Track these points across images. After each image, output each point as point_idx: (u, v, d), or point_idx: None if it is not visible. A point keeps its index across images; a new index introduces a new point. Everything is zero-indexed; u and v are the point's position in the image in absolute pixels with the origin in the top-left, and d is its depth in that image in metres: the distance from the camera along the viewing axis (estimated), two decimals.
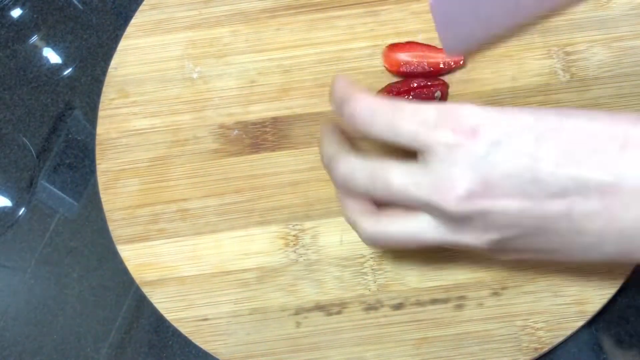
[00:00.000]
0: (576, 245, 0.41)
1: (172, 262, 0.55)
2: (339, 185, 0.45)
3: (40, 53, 0.69)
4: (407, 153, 0.42)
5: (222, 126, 0.59)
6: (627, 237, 0.39)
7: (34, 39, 0.70)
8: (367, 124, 0.43)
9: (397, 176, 0.42)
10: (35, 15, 0.71)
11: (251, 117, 0.59)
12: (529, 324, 0.50)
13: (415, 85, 0.56)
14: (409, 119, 0.41)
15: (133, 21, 0.64)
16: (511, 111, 0.40)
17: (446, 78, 0.58)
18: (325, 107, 0.58)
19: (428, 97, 0.55)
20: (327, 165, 0.47)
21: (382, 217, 0.44)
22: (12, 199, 0.62)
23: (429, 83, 0.57)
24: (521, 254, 0.43)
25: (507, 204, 0.39)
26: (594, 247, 0.40)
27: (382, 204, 0.45)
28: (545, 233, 0.40)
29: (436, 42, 0.59)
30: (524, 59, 0.59)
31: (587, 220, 0.39)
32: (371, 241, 0.46)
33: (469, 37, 0.53)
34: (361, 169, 0.43)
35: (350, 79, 0.47)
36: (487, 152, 0.39)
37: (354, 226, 0.46)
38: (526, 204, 0.39)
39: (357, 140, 0.51)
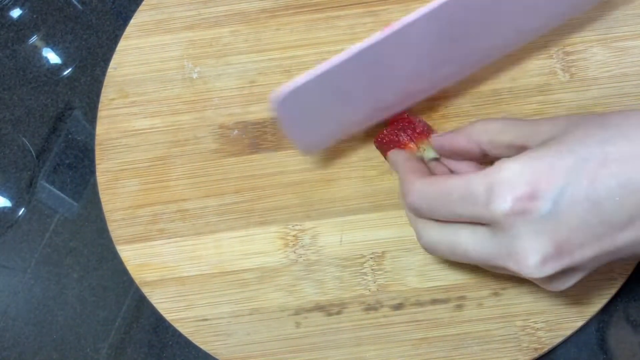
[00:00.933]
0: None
1: (172, 263, 0.55)
2: (428, 252, 0.47)
3: (40, 53, 0.69)
4: None
5: (222, 126, 0.59)
6: None
7: (34, 39, 0.70)
8: (431, 214, 0.44)
9: (473, 248, 0.42)
10: (34, 16, 0.71)
11: (251, 117, 0.59)
12: (529, 324, 0.50)
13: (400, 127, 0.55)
14: (461, 205, 0.41)
15: (132, 21, 0.64)
16: (552, 157, 0.39)
17: None
18: None
19: (410, 126, 0.54)
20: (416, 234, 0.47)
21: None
22: (11, 199, 0.62)
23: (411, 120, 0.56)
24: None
25: (583, 253, 0.39)
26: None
27: None
28: (621, 256, 0.41)
29: None
30: (524, 59, 0.59)
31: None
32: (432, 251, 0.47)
33: (323, 137, 0.54)
34: (441, 242, 0.44)
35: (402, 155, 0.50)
36: (549, 214, 0.38)
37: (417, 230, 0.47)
38: (600, 245, 0.39)
39: None
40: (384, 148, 0.54)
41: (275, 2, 0.63)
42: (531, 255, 0.39)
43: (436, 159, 0.53)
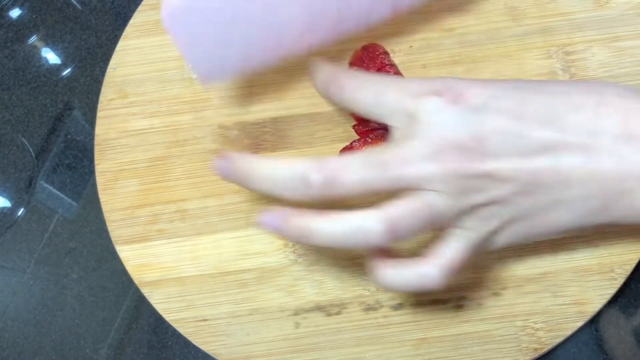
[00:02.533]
0: (565, 204, 0.42)
1: (172, 263, 0.55)
2: (341, 179, 0.42)
3: (39, 53, 0.69)
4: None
5: (221, 126, 0.59)
6: (608, 189, 0.41)
7: (33, 39, 0.70)
8: (354, 98, 0.45)
9: (390, 156, 0.41)
10: (34, 16, 0.71)
11: (250, 117, 0.59)
12: (529, 324, 0.50)
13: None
14: (392, 88, 0.43)
15: (132, 21, 0.64)
16: (493, 80, 0.43)
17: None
18: (325, 107, 0.58)
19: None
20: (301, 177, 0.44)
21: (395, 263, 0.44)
22: (11, 200, 0.62)
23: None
24: (518, 233, 0.44)
25: (500, 164, 0.40)
26: (580, 204, 0.41)
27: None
28: (537, 191, 0.41)
29: (434, 44, 0.59)
30: (523, 59, 0.59)
31: (571, 172, 0.40)
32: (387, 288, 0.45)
33: (225, 63, 0.52)
34: (359, 163, 0.42)
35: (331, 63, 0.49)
36: (475, 112, 0.40)
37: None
38: (517, 161, 0.40)
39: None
40: None
41: None
42: (453, 139, 0.40)
43: None
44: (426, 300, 0.51)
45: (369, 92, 0.45)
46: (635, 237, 0.51)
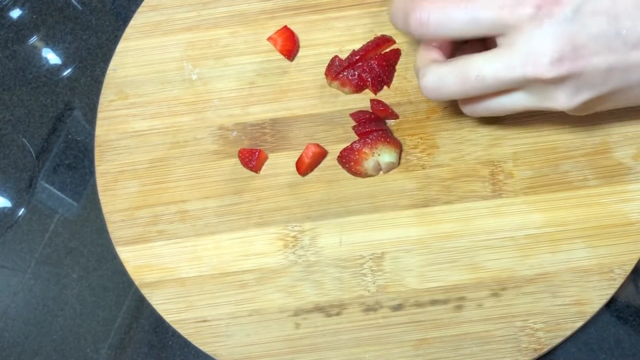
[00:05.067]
0: None
1: (172, 264, 0.55)
2: (431, 96, 0.48)
3: (40, 54, 0.69)
4: None
5: (221, 127, 0.59)
6: None
7: (34, 39, 0.70)
8: (443, 25, 0.45)
9: (488, 66, 0.45)
10: (34, 16, 0.71)
11: (250, 118, 0.59)
12: (529, 324, 0.50)
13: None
14: (485, 5, 0.44)
15: (132, 23, 0.64)
16: None
17: None
18: (324, 108, 0.59)
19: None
20: (418, 78, 0.49)
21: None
22: (11, 200, 0.62)
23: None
24: (604, 107, 0.48)
25: (597, 62, 0.43)
26: None
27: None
28: (630, 85, 0.44)
29: None
30: None
31: None
32: (469, 112, 0.51)
33: None
34: (450, 73, 0.46)
35: None
36: (571, 18, 0.42)
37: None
38: (613, 57, 0.43)
39: None
40: (343, 162, 0.56)
41: (274, 4, 0.63)
42: (549, 52, 0.42)
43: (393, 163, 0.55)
44: (425, 301, 0.52)
45: (459, 12, 0.45)
46: (634, 237, 0.52)
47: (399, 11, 0.48)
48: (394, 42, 0.60)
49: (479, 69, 0.45)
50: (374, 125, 0.56)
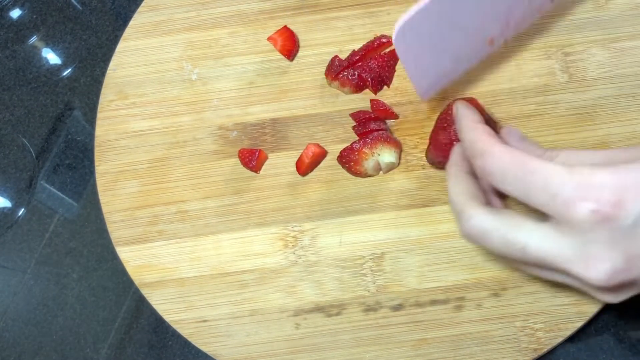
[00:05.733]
0: None
1: (172, 264, 0.55)
2: (469, 241, 0.45)
3: (40, 54, 0.69)
4: None
5: (221, 127, 0.59)
6: None
7: (33, 39, 0.70)
8: (500, 182, 0.42)
9: (534, 243, 0.41)
10: (34, 16, 0.71)
11: (250, 118, 0.59)
12: (529, 324, 0.50)
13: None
14: (541, 188, 0.40)
15: (132, 23, 0.64)
16: None
17: None
18: (324, 108, 0.59)
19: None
20: (456, 215, 0.45)
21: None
22: (11, 200, 0.62)
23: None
24: None
25: None
26: None
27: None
28: None
29: None
30: (523, 60, 0.59)
31: None
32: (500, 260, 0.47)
33: (439, 75, 0.55)
34: (494, 231, 0.42)
35: (477, 118, 0.47)
36: (630, 228, 0.38)
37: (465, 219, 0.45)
38: None
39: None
40: (343, 162, 0.56)
41: (274, 4, 0.63)
42: (603, 262, 0.38)
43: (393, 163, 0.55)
44: (425, 301, 0.52)
45: (515, 189, 0.42)
46: None
47: (470, 142, 0.46)
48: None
49: (526, 242, 0.41)
50: (374, 125, 0.56)
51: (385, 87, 0.59)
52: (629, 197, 0.38)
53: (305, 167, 0.56)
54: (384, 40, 0.59)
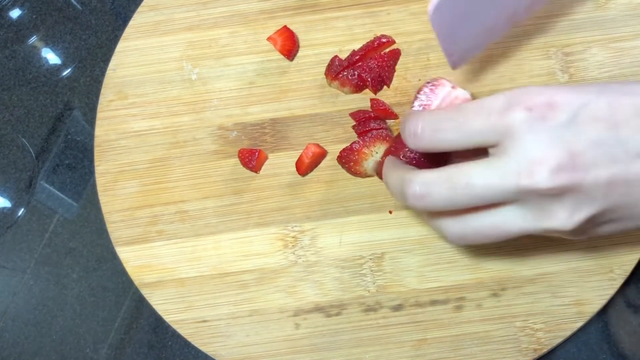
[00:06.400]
0: None
1: (171, 264, 0.55)
2: (418, 206, 0.43)
3: (39, 54, 0.69)
4: None
5: (221, 127, 0.59)
6: None
7: (33, 39, 0.70)
8: (435, 137, 0.43)
9: (478, 175, 0.41)
10: (34, 16, 0.71)
11: (250, 118, 0.59)
12: (529, 324, 0.50)
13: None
14: (476, 115, 0.41)
15: (131, 22, 0.64)
16: (574, 86, 0.41)
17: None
18: (324, 108, 0.59)
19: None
20: (400, 192, 0.44)
21: (464, 215, 0.43)
22: (11, 200, 0.62)
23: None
24: (607, 229, 0.43)
25: (598, 172, 0.39)
26: None
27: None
28: (633, 198, 0.40)
29: (434, 44, 0.59)
30: (523, 60, 0.59)
31: None
32: (459, 239, 0.44)
33: (470, 46, 0.55)
34: (437, 182, 0.42)
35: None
36: (568, 123, 0.39)
37: (439, 229, 0.45)
38: (614, 169, 0.39)
39: None
40: (343, 162, 0.56)
41: (274, 3, 0.63)
42: (546, 160, 0.39)
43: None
44: (425, 301, 0.52)
45: (449, 131, 0.42)
46: (634, 237, 0.51)
47: (401, 125, 0.46)
48: (394, 42, 0.60)
49: (469, 175, 0.41)
50: (374, 124, 0.56)
51: (385, 87, 0.59)
52: (559, 98, 0.39)
53: (305, 167, 0.56)
54: (384, 40, 0.59)
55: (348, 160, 0.55)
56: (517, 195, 0.40)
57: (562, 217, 0.40)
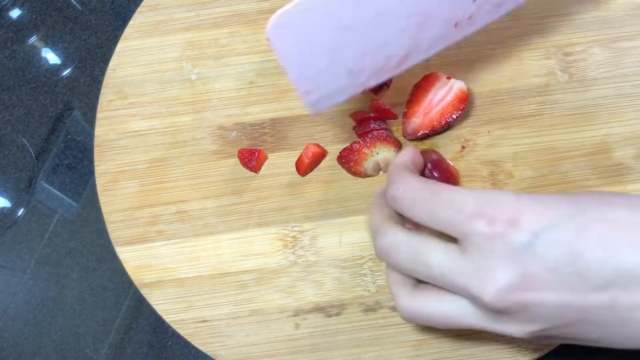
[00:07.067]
0: (621, 335, 0.39)
1: (171, 264, 0.55)
2: (381, 257, 0.44)
3: (39, 54, 0.69)
4: None
5: (220, 127, 0.59)
6: None
7: (33, 39, 0.70)
8: (408, 209, 0.43)
9: (438, 259, 0.41)
10: (34, 16, 0.71)
11: (250, 118, 0.59)
12: None
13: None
14: (446, 207, 0.41)
15: (131, 22, 0.64)
16: (550, 200, 0.39)
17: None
18: None
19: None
20: (373, 235, 0.45)
21: (420, 293, 0.43)
22: (11, 200, 0.62)
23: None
24: (564, 341, 0.42)
25: (548, 297, 0.38)
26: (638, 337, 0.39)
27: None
28: (587, 324, 0.39)
29: None
30: (523, 60, 0.59)
31: (631, 311, 0.38)
32: (407, 317, 0.44)
33: (330, 89, 0.50)
34: (404, 245, 0.42)
35: (407, 156, 0.48)
36: (527, 244, 0.38)
37: (392, 294, 0.45)
38: (568, 296, 0.38)
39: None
40: (343, 162, 0.56)
41: (274, 3, 0.63)
42: (498, 278, 0.38)
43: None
44: None
45: (422, 211, 0.42)
46: None
47: (388, 175, 0.46)
48: None
49: (429, 257, 0.41)
50: (374, 125, 0.56)
51: (385, 87, 0.59)
52: (526, 216, 0.38)
53: (305, 167, 0.56)
54: None
55: (348, 160, 0.55)
56: (470, 297, 0.40)
57: (513, 328, 0.40)
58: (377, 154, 0.54)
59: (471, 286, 0.39)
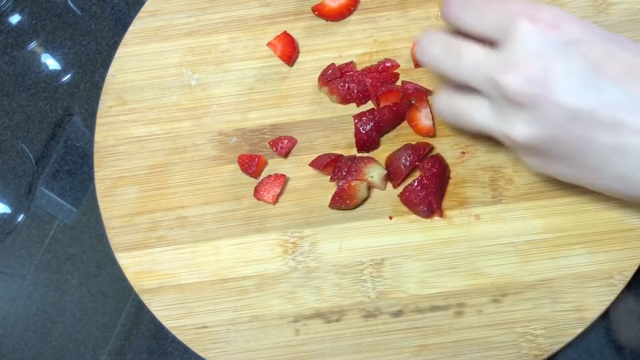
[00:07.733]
0: (612, 168, 0.43)
1: (171, 270, 0.55)
2: (418, 58, 0.50)
3: (39, 59, 0.69)
4: None
5: (220, 133, 0.59)
6: None
7: (33, 45, 0.70)
8: (458, 12, 0.46)
9: (471, 51, 0.45)
10: (34, 22, 0.71)
11: (250, 124, 0.59)
12: (529, 330, 0.50)
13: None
14: (495, 7, 0.45)
15: (131, 28, 0.64)
16: (593, 26, 0.43)
17: None
18: (324, 114, 0.59)
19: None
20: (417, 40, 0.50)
21: (453, 92, 0.49)
22: (11, 206, 0.62)
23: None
24: (554, 164, 0.46)
25: (561, 100, 0.41)
26: (628, 175, 0.42)
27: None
28: (588, 144, 0.42)
29: None
30: None
31: (633, 135, 0.41)
32: (439, 109, 0.51)
33: None
34: (440, 40, 0.48)
35: None
36: (559, 47, 0.42)
37: (434, 100, 0.52)
38: (580, 104, 0.41)
39: None
40: (338, 205, 0.55)
41: (274, 9, 0.63)
42: (522, 67, 0.42)
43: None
44: (425, 307, 0.51)
45: (471, 14, 0.46)
46: (634, 243, 0.51)
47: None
48: (398, 66, 0.59)
49: (461, 50, 0.46)
50: (344, 160, 0.55)
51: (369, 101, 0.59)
52: (567, 25, 0.42)
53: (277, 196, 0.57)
54: (388, 64, 0.59)
55: (343, 201, 0.54)
56: (490, 86, 0.44)
57: (516, 128, 0.44)
58: (371, 177, 0.54)
59: (493, 74, 0.43)
